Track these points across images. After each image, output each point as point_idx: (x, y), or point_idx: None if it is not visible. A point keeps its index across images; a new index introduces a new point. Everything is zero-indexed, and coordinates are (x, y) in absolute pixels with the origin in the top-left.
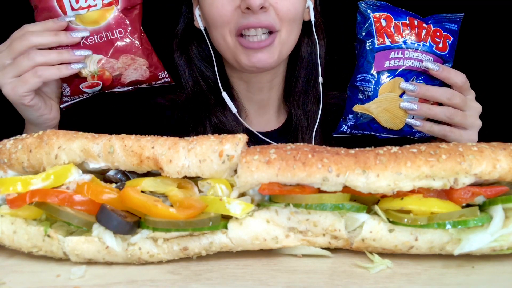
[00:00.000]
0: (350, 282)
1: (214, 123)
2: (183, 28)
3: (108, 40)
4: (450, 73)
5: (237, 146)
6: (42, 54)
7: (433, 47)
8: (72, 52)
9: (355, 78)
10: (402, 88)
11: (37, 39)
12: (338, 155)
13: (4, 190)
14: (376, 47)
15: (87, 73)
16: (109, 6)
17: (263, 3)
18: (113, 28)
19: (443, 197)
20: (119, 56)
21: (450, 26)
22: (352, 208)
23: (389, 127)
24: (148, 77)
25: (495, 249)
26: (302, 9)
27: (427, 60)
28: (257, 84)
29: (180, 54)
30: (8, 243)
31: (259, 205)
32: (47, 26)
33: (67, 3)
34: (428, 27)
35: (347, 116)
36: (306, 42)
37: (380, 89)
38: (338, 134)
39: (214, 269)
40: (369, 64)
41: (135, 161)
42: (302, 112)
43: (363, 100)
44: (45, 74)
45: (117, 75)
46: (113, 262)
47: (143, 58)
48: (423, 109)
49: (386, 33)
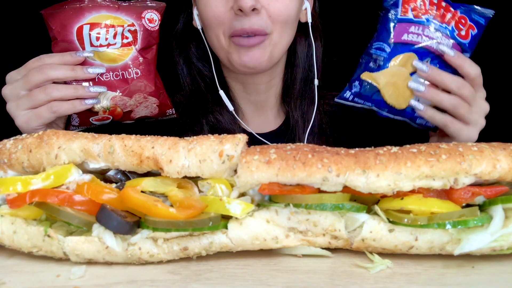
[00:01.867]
0: (350, 282)
1: (211, 122)
2: (182, 27)
3: (124, 79)
4: (465, 62)
5: (237, 146)
6: (59, 90)
7: (455, 33)
8: (88, 88)
9: (370, 46)
10: (415, 66)
11: (54, 72)
12: (338, 155)
13: (4, 190)
14: (398, 18)
15: (100, 108)
16: (128, 46)
17: (255, 4)
18: (129, 67)
19: (443, 197)
20: (133, 95)
21: (478, 18)
22: (352, 208)
23: (392, 103)
24: (156, 114)
25: (495, 249)
26: (295, 11)
27: (445, 43)
28: (254, 85)
29: (179, 52)
30: (8, 243)
31: (259, 205)
32: (64, 59)
33: (87, 38)
34: (455, 12)
35: (353, 82)
36: (303, 44)
37: (392, 60)
38: (341, 99)
39: (214, 269)
40: (388, 33)
41: (135, 161)
42: (299, 113)
43: (373, 69)
44: (60, 110)
45: (128, 111)
46: (113, 262)
47: (155, 97)
48: (430, 92)
49: (411, 6)
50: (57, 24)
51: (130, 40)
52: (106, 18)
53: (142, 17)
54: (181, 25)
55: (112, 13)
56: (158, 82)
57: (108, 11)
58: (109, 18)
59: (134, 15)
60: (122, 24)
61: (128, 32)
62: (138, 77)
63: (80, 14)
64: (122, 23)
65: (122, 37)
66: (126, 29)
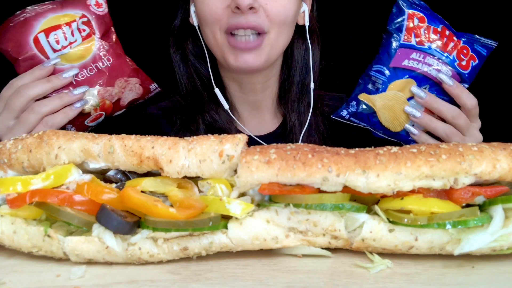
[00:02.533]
0: (350, 282)
1: (207, 121)
2: (179, 24)
3: (99, 70)
4: (462, 93)
5: (237, 146)
6: (46, 104)
7: (456, 62)
8: (71, 92)
9: (371, 67)
10: (412, 92)
11: (32, 91)
12: (338, 155)
13: (4, 190)
14: (400, 43)
15: (90, 108)
16: (88, 37)
17: (252, 3)
18: (99, 57)
19: (443, 197)
20: (114, 82)
21: (480, 49)
22: (352, 208)
23: (387, 126)
24: (142, 93)
25: (495, 249)
26: (293, 12)
27: (445, 72)
28: (250, 85)
29: (176, 50)
30: (8, 243)
31: (259, 205)
32: (35, 75)
33: (47, 46)
34: (458, 42)
35: (350, 102)
36: (300, 47)
37: (390, 85)
38: (337, 117)
39: (214, 269)
40: (389, 57)
41: (135, 161)
42: (296, 116)
43: (371, 91)
44: (55, 122)
45: (116, 100)
46: (113, 262)
47: (135, 77)
48: (425, 119)
49: (415, 32)
50: (11, 44)
51: (88, 31)
52: (55, 19)
53: (88, 4)
54: (178, 21)
55: (59, 13)
56: (130, 62)
57: (54, 12)
58: (59, 18)
59: (81, 6)
60: (74, 18)
61: (82, 25)
62: (111, 63)
63: (29, 26)
64: (73, 18)
65: (79, 31)
66: (79, 22)
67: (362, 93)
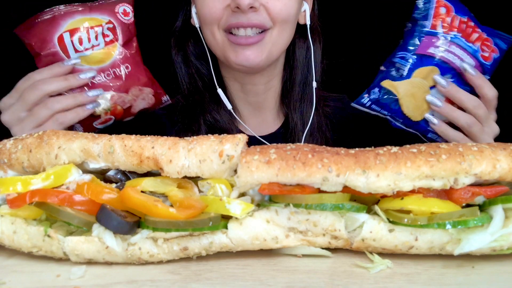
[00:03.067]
0: (350, 282)
1: (208, 121)
2: (181, 25)
3: (116, 76)
4: (485, 83)
5: (237, 146)
6: (59, 101)
7: (479, 53)
8: (86, 94)
9: (394, 54)
10: (435, 80)
11: (48, 87)
12: (338, 155)
13: (4, 190)
14: (426, 30)
15: (101, 111)
16: (111, 43)
17: (253, 3)
18: (118, 64)
19: (443, 197)
20: (129, 90)
21: (500, 43)
22: (352, 208)
23: (409, 115)
24: (153, 103)
25: (495, 249)
26: (295, 10)
27: (468, 61)
28: (252, 86)
29: (177, 51)
30: (8, 243)
31: (259, 205)
32: (54, 71)
33: (70, 46)
34: (482, 34)
35: (372, 89)
36: (302, 46)
37: (415, 72)
38: (358, 104)
39: (214, 269)
40: (414, 44)
41: (135, 161)
42: (299, 116)
43: (395, 78)
44: (66, 121)
45: (128, 107)
46: (113, 262)
47: (149, 87)
48: (447, 108)
49: (441, 20)
50: (35, 39)
51: (112, 37)
52: (82, 21)
53: (116, 12)
54: (179, 22)
55: (87, 15)
56: (147, 72)
57: (82, 14)
58: (86, 21)
59: (108, 12)
60: (100, 23)
61: (107, 30)
62: (129, 71)
63: (56, 24)
64: (99, 23)
65: (103, 36)
66: (105, 27)
67: (386, 79)
